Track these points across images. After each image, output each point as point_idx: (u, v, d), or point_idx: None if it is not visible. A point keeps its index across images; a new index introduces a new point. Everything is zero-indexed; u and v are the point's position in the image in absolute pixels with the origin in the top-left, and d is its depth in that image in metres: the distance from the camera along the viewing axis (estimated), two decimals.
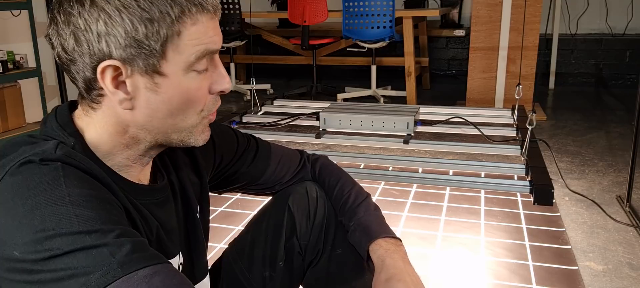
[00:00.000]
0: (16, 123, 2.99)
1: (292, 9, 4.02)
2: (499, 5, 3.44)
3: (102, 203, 0.58)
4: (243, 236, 0.99)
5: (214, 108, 0.71)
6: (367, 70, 4.36)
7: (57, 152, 0.60)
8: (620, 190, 2.20)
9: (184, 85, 0.65)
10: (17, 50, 2.96)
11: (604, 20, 4.60)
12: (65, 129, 0.66)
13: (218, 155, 0.90)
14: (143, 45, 0.61)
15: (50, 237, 0.53)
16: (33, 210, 0.54)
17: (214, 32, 0.66)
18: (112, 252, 0.53)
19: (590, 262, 1.66)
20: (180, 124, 0.68)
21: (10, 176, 0.58)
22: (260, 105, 3.17)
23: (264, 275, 0.94)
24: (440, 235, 1.86)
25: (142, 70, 0.63)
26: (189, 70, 0.65)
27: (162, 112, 0.66)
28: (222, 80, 0.70)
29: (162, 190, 0.76)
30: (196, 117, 0.69)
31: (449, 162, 2.35)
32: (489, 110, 3.10)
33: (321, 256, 0.95)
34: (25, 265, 0.52)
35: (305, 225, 0.94)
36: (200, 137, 0.71)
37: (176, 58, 0.64)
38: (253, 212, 2.05)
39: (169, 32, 0.62)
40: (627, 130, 3.16)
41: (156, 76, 0.63)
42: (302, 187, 0.96)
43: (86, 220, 0.54)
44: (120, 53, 0.61)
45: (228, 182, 0.95)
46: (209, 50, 0.66)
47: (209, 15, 0.65)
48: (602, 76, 4.64)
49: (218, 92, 0.70)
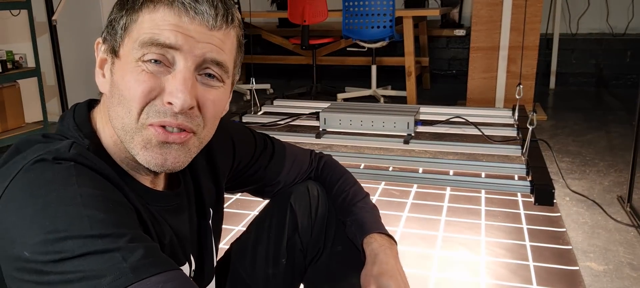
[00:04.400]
0: (15, 123, 2.98)
1: (292, 8, 4.02)
2: (499, 5, 3.43)
3: (114, 205, 0.57)
4: (246, 235, 1.00)
5: (162, 117, 0.62)
6: (367, 70, 4.35)
7: (71, 152, 0.60)
8: (621, 191, 2.20)
9: (127, 71, 0.62)
10: (16, 50, 2.96)
11: (605, 20, 4.60)
12: (81, 129, 0.66)
13: (237, 159, 0.90)
14: (114, 26, 0.65)
15: (62, 239, 0.51)
16: (44, 209, 0.53)
17: (174, 28, 0.61)
18: (125, 256, 0.52)
19: (590, 262, 1.66)
20: (126, 121, 0.63)
21: (23, 173, 0.57)
22: (260, 105, 3.17)
23: (267, 273, 0.94)
24: (441, 236, 1.85)
25: (109, 50, 0.65)
26: (138, 61, 0.62)
27: (114, 99, 0.64)
28: (170, 87, 0.61)
29: (177, 196, 0.74)
30: (133, 118, 0.62)
31: (449, 162, 2.34)
32: (489, 110, 3.09)
33: (322, 253, 0.96)
34: (35, 265, 0.51)
35: (307, 223, 0.94)
36: (141, 153, 0.63)
37: (128, 42, 0.63)
38: (253, 211, 2.04)
39: (132, 17, 0.63)
40: (627, 130, 3.15)
41: (114, 57, 0.65)
42: (303, 186, 0.97)
43: (98, 223, 0.53)
44: (104, 34, 0.67)
45: (241, 184, 0.95)
46: (153, 41, 0.61)
47: (175, 10, 0.61)
48: (602, 76, 4.63)
49: (166, 100, 0.62)
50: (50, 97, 3.33)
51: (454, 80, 5.01)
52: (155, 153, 0.63)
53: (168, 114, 0.62)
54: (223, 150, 0.85)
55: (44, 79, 3.22)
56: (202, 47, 0.62)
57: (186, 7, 0.61)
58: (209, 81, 0.65)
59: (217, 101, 0.66)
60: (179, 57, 0.62)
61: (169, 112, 0.62)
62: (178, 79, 0.61)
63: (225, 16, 0.64)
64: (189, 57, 0.62)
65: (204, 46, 0.62)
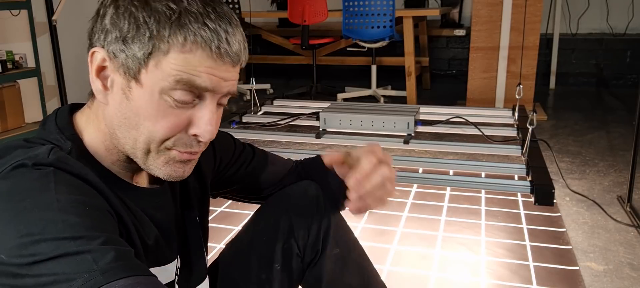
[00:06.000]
0: (15, 123, 2.98)
1: (292, 8, 4.02)
2: (499, 5, 3.43)
3: (90, 210, 0.57)
4: (239, 237, 0.99)
5: (188, 148, 0.67)
6: (367, 70, 4.35)
7: (50, 157, 0.60)
8: (621, 191, 2.20)
9: (153, 102, 0.63)
10: (16, 50, 2.96)
11: (605, 19, 4.60)
12: (63, 132, 0.66)
13: (217, 157, 0.91)
14: (129, 46, 0.62)
15: (36, 242, 0.52)
16: (20, 213, 0.54)
17: (210, 72, 0.63)
18: (95, 258, 0.52)
19: (590, 262, 1.66)
20: (143, 146, 0.65)
21: (1, 180, 0.57)
22: (260, 105, 3.17)
23: (260, 277, 0.92)
24: (441, 236, 1.85)
25: (123, 70, 0.63)
26: (165, 94, 0.63)
27: (129, 121, 0.65)
28: (200, 123, 0.65)
29: (162, 193, 0.75)
30: (157, 144, 0.65)
31: (449, 162, 2.34)
32: (489, 110, 3.09)
33: (320, 256, 0.94)
34: (10, 268, 0.52)
35: (303, 226, 0.93)
36: (162, 169, 0.67)
37: (155, 73, 0.62)
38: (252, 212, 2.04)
39: (160, 47, 0.62)
40: (628, 130, 3.15)
41: (132, 82, 0.63)
42: (299, 187, 0.96)
43: (72, 226, 0.54)
44: (110, 45, 0.63)
45: (224, 185, 0.95)
46: (190, 83, 0.62)
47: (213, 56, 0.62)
48: (603, 76, 4.63)
49: (193, 133, 0.66)
50: (50, 97, 3.33)
51: (454, 80, 5.01)
52: (177, 168, 0.68)
53: (193, 146, 0.67)
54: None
55: (44, 79, 3.22)
56: (227, 85, 0.66)
57: (221, 53, 0.63)
58: (218, 108, 0.69)
59: (218, 120, 0.70)
60: (209, 95, 0.65)
61: (195, 143, 0.67)
62: (207, 116, 0.65)
63: (245, 50, 0.68)
64: (216, 95, 0.66)
65: (228, 84, 0.66)
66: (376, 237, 1.85)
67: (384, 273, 1.61)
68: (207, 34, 0.62)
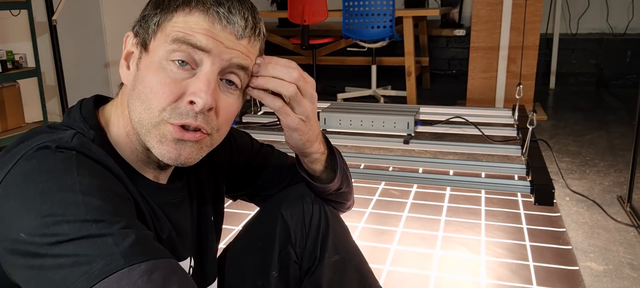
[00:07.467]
0: (15, 123, 2.98)
1: (292, 8, 4.01)
2: (499, 4, 3.43)
3: (111, 194, 0.58)
4: (235, 242, 0.96)
5: (183, 119, 0.65)
6: (367, 70, 4.35)
7: (74, 141, 0.61)
8: (621, 191, 2.20)
9: (152, 68, 0.65)
10: (16, 50, 2.96)
11: (605, 19, 4.60)
12: (87, 121, 0.68)
13: (235, 154, 0.90)
14: (147, 21, 0.67)
15: (57, 223, 0.53)
16: (43, 194, 0.55)
17: (206, 33, 0.64)
18: (116, 242, 0.53)
19: (590, 262, 1.66)
20: (144, 116, 0.65)
21: (25, 160, 0.58)
22: (260, 105, 3.17)
23: (256, 284, 0.90)
24: (441, 236, 1.85)
25: (140, 43, 0.68)
26: (165, 61, 0.65)
27: (135, 91, 0.66)
28: (193, 88, 0.64)
29: (179, 190, 0.76)
30: (155, 114, 0.65)
31: (449, 162, 2.34)
32: (489, 110, 3.09)
33: (318, 263, 0.91)
34: (30, 247, 0.52)
35: (301, 232, 0.90)
36: (157, 145, 0.66)
37: (160, 37, 0.66)
38: (252, 212, 2.04)
39: (167, 16, 0.66)
40: (628, 130, 3.15)
41: (143, 51, 0.67)
42: (296, 192, 0.92)
43: (94, 209, 0.54)
44: (135, 27, 0.69)
45: (243, 185, 0.94)
46: (185, 40, 0.64)
47: (209, 17, 0.65)
48: (602, 76, 4.63)
49: (188, 99, 0.64)
50: (50, 97, 3.33)
51: (454, 80, 5.01)
52: (170, 148, 0.66)
53: (189, 116, 0.65)
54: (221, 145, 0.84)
55: (44, 78, 3.22)
56: (229, 53, 0.66)
57: (220, 16, 0.65)
58: (228, 88, 0.69)
59: (232, 106, 0.70)
60: (206, 60, 0.65)
61: (191, 113, 0.65)
62: (202, 80, 0.65)
63: (254, 28, 0.68)
64: (216, 61, 0.65)
65: (231, 52, 0.66)
66: (376, 237, 1.85)
67: (384, 273, 1.61)
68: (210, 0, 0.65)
